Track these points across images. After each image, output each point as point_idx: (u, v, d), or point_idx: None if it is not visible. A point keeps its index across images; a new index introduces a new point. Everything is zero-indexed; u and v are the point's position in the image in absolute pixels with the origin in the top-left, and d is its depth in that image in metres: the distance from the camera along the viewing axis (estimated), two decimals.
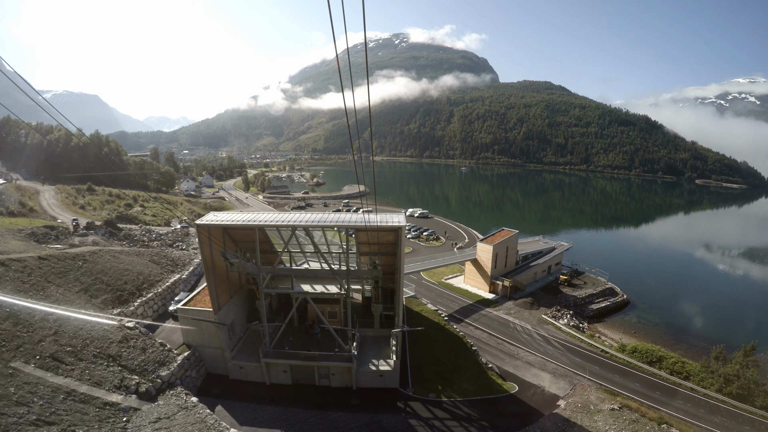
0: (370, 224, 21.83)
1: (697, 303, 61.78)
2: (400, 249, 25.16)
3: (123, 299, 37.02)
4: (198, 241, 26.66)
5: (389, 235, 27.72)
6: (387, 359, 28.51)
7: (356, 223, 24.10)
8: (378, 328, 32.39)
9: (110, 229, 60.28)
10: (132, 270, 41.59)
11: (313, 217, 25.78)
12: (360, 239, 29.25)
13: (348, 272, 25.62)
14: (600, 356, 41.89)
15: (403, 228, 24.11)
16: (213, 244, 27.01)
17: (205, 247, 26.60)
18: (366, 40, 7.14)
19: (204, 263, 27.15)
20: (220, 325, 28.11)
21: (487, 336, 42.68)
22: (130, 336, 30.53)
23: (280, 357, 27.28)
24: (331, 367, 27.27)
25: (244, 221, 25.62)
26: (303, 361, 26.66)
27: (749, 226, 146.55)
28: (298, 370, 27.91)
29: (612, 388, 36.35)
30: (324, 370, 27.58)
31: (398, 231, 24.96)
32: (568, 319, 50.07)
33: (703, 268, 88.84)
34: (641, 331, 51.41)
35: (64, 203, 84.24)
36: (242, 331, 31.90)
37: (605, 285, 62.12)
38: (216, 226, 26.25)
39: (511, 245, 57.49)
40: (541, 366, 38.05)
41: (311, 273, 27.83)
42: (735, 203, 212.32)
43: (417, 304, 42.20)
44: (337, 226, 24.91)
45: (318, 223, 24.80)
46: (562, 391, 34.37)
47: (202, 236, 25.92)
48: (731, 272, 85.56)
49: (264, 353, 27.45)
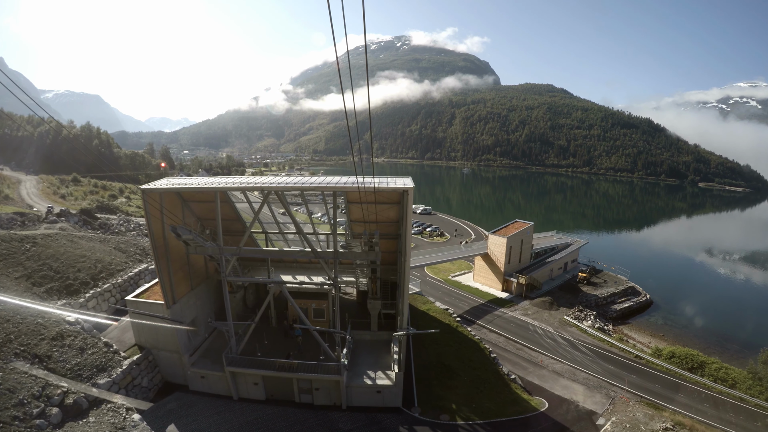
0: (365, 186, 15.98)
1: (722, 304, 57.64)
2: (405, 225, 19.11)
3: (73, 289, 31.45)
4: (144, 213, 20.76)
5: (391, 210, 21.75)
6: (387, 370, 22.43)
7: (346, 185, 18.19)
8: (376, 331, 26.30)
9: (85, 217, 56.20)
10: (90, 257, 35.94)
11: (291, 180, 19.81)
12: (353, 215, 23.19)
13: (336, 254, 19.57)
14: (634, 363, 36.11)
15: (411, 192, 18.16)
16: (166, 219, 21.09)
17: (154, 221, 20.67)
18: (366, 41, 6.88)
19: (152, 243, 21.24)
20: (174, 323, 22.04)
21: (503, 340, 36.49)
22: (67, 332, 24.63)
23: (248, 365, 21.20)
24: (314, 380, 21.17)
25: (203, 184, 19.69)
26: (278, 371, 20.55)
27: (757, 228, 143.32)
28: (272, 382, 21.77)
29: (656, 401, 30.50)
30: (305, 383, 21.45)
31: (404, 196, 18.92)
32: (592, 321, 44.17)
33: (721, 269, 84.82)
34: (670, 334, 46.99)
35: (45, 193, 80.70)
36: (208, 332, 25.75)
37: (626, 284, 56.89)
38: (168, 190, 20.36)
39: (526, 239, 51.55)
40: (571, 376, 31.92)
41: (288, 255, 21.83)
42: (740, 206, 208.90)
43: (423, 302, 36.05)
44: (321, 189, 18.95)
45: (297, 186, 18.89)
46: (600, 407, 28.31)
47: (150, 206, 20.01)
48: (749, 274, 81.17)
49: (228, 360, 21.36)
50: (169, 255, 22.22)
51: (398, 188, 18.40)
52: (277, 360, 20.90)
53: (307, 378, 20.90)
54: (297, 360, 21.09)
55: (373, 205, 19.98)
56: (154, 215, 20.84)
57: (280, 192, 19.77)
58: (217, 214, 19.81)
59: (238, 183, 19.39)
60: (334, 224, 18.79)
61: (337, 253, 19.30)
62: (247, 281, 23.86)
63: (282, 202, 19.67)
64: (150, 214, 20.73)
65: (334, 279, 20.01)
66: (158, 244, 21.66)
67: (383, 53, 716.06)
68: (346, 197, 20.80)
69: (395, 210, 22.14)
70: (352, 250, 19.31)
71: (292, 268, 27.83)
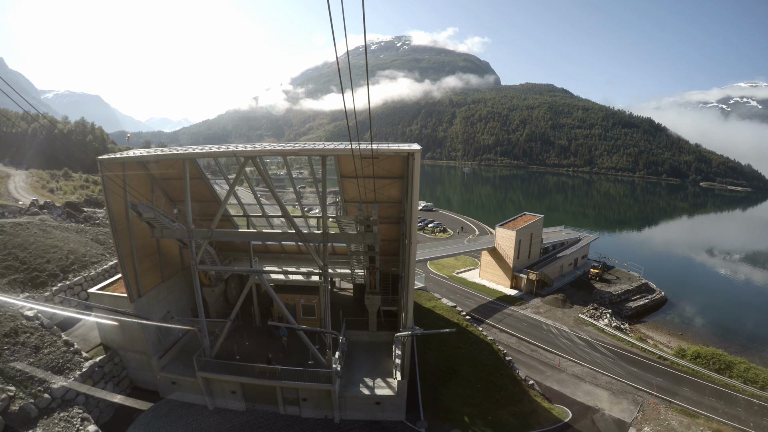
0: (361, 149, 12.76)
1: (736, 302, 55.51)
2: (411, 201, 15.75)
3: (39, 281, 28.58)
4: (103, 189, 17.54)
5: (393, 187, 18.51)
6: (387, 378, 19.19)
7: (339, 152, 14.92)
8: (375, 331, 23.03)
9: (69, 209, 54.60)
10: (62, 247, 33.10)
11: (274, 145, 16.42)
12: (348, 194, 19.88)
13: (325, 236, 16.29)
14: (658, 364, 32.99)
15: (418, 157, 14.83)
16: (133, 200, 17.86)
17: (114, 198, 17.47)
18: (366, 41, 6.70)
19: (111, 225, 18.03)
20: (140, 320, 18.78)
21: (516, 341, 33.17)
22: (23, 328, 21.57)
23: (224, 371, 17.90)
24: (301, 389, 17.85)
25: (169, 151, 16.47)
26: (258, 378, 17.25)
27: (763, 227, 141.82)
28: (253, 390, 18.49)
29: (687, 407, 27.34)
30: (291, 392, 18.13)
31: (409, 162, 15.39)
32: (609, 319, 41.04)
33: (732, 266, 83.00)
34: (688, 333, 44.27)
35: (33, 187, 79.11)
36: (183, 331, 22.45)
37: (640, 280, 54.02)
38: (131, 160, 17.15)
39: (536, 232, 48.37)
40: (593, 380, 28.67)
41: (268, 238, 18.62)
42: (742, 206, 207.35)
43: (428, 299, 32.74)
44: (308, 153, 15.67)
45: (278, 150, 15.63)
46: (628, 415, 25.11)
47: (109, 179, 16.79)
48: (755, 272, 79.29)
49: (201, 364, 18.08)
50: (133, 240, 18.99)
51: (402, 150, 15.12)
52: (257, 365, 17.58)
53: (293, 387, 17.56)
54: (281, 365, 17.77)
55: (371, 180, 16.77)
56: (114, 192, 17.63)
57: (259, 159, 16.53)
58: (186, 188, 16.59)
59: (208, 148, 16.18)
60: (323, 195, 15.43)
61: (326, 236, 15.94)
62: (221, 270, 20.51)
63: (260, 173, 16.40)
64: (109, 190, 17.51)
65: (323, 268, 16.66)
66: (120, 226, 18.45)
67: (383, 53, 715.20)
68: (338, 170, 17.55)
69: (397, 187, 18.82)
70: (345, 230, 15.99)
71: (280, 260, 24.62)
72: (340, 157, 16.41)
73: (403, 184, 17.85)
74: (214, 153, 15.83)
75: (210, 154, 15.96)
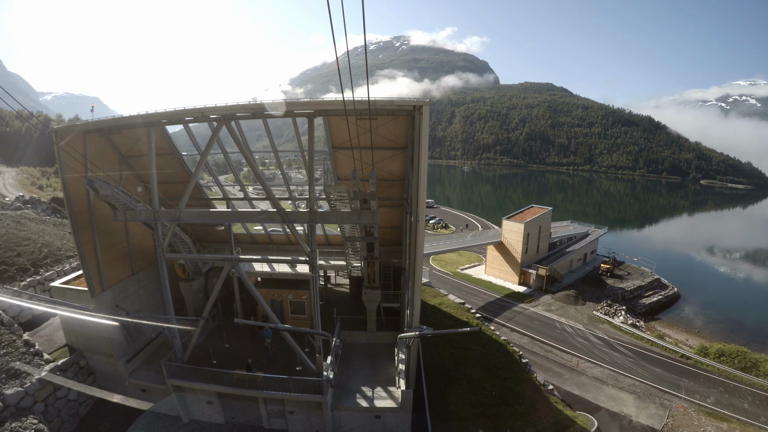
0: (355, 101, 10.14)
1: (749, 297, 53.84)
2: (418, 169, 12.97)
3: (8, 276, 26.23)
4: (58, 164, 14.94)
5: (395, 160, 15.86)
6: (389, 386, 16.43)
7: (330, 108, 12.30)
8: (374, 331, 20.37)
9: (55, 205, 53.92)
10: (36, 240, 30.85)
11: (250, 102, 13.66)
12: (341, 170, 17.12)
13: (313, 215, 13.61)
14: (681, 363, 30.59)
15: (426, 112, 12.16)
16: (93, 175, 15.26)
17: (71, 174, 14.87)
18: (366, 41, 6.46)
19: (68, 207, 15.44)
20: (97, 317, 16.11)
21: (528, 341, 30.53)
22: None
23: (197, 378, 15.19)
24: (287, 401, 15.11)
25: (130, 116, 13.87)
26: (236, 388, 14.55)
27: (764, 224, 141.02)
28: (232, 401, 15.83)
29: (718, 410, 24.90)
30: (275, 404, 15.39)
31: (416, 116, 12.53)
32: (624, 317, 38.56)
33: (740, 263, 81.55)
34: (705, 330, 42.13)
35: (22, 183, 77.82)
36: (156, 331, 19.79)
37: (652, 276, 51.70)
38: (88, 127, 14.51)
39: (544, 225, 45.81)
40: (615, 382, 26.08)
41: (245, 219, 16.00)
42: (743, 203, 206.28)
43: (433, 295, 30.08)
44: (292, 107, 12.86)
45: (257, 105, 12.98)
46: (658, 421, 22.58)
47: (66, 154, 14.18)
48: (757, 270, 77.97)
49: (170, 370, 15.40)
50: (95, 225, 16.37)
51: (407, 102, 12.44)
52: (235, 372, 14.87)
53: (277, 398, 14.85)
54: (264, 371, 15.07)
55: (368, 151, 14.20)
56: (72, 167, 15.01)
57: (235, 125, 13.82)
58: (150, 160, 13.97)
59: (173, 109, 13.58)
60: (310, 164, 12.72)
61: (314, 214, 13.25)
62: (189, 258, 17.76)
63: (233, 137, 13.69)
64: (66, 165, 14.89)
65: (311, 254, 13.94)
66: (78, 209, 15.83)
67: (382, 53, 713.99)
68: (330, 139, 14.88)
69: (400, 160, 16.08)
70: (336, 208, 13.27)
71: (268, 251, 22.01)
72: (331, 122, 13.84)
73: (407, 154, 15.14)
74: (180, 112, 13.24)
75: (175, 113, 13.40)
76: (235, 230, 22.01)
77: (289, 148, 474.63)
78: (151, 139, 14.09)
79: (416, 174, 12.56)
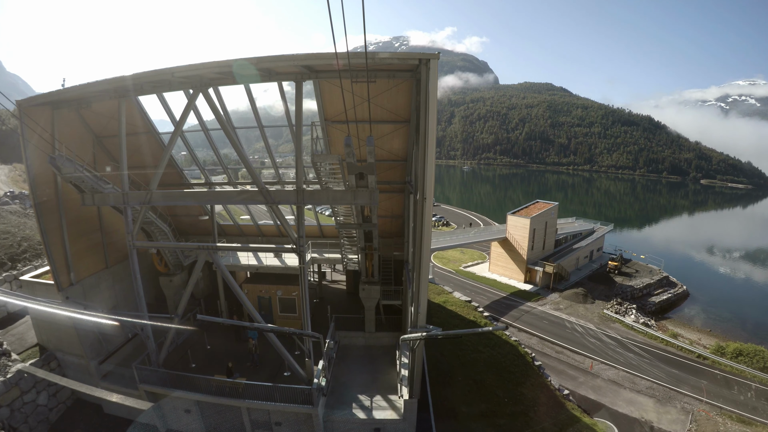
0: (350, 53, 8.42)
1: (759, 296, 52.20)
2: (426, 137, 10.84)
3: None
4: (21, 142, 13.24)
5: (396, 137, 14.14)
6: (390, 394, 14.66)
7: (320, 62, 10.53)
8: (372, 332, 18.61)
9: None
10: (15, 234, 29.39)
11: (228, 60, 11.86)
12: (335, 146, 15.37)
13: (300, 194, 11.88)
14: (698, 364, 29.03)
15: (435, 67, 10.29)
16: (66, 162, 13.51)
17: (36, 154, 13.16)
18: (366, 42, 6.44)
19: (31, 191, 13.73)
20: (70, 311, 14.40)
21: (537, 341, 28.79)
22: None
23: (171, 384, 13.45)
24: (273, 411, 13.33)
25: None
26: (215, 396, 12.75)
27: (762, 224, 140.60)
28: (212, 410, 14.02)
29: (742, 413, 23.26)
30: (260, 414, 13.58)
31: (423, 71, 10.51)
32: (635, 315, 36.93)
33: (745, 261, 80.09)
34: (717, 329, 40.76)
35: (14, 180, 76.52)
36: (133, 331, 18.04)
37: (660, 274, 50.21)
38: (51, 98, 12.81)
39: (550, 221, 44.18)
40: (632, 385, 24.37)
41: (221, 200, 14.22)
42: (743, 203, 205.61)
43: (438, 293, 28.37)
44: (274, 60, 10.95)
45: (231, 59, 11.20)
46: (681, 426, 20.90)
47: (30, 131, 12.45)
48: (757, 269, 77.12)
49: (143, 375, 13.63)
50: (62, 211, 14.65)
51: (410, 56, 10.70)
52: (214, 378, 13.08)
53: (263, 408, 13.08)
54: (248, 377, 13.30)
55: (366, 125, 12.50)
56: (40, 148, 13.29)
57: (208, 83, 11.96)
58: (120, 135, 12.26)
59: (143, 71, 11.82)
60: (297, 132, 10.94)
61: (301, 193, 11.45)
62: (160, 246, 15.97)
63: (210, 106, 11.95)
64: (30, 143, 13.17)
65: (298, 242, 12.12)
66: (43, 192, 14.10)
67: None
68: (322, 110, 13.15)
69: (402, 136, 14.27)
70: (327, 185, 11.44)
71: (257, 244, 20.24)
72: (324, 90, 12.16)
73: (411, 125, 13.34)
74: (150, 73, 11.44)
75: (145, 75, 11.61)
76: (221, 222, 20.30)
77: (288, 149, 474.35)
78: (121, 111, 12.42)
79: (423, 144, 10.76)
